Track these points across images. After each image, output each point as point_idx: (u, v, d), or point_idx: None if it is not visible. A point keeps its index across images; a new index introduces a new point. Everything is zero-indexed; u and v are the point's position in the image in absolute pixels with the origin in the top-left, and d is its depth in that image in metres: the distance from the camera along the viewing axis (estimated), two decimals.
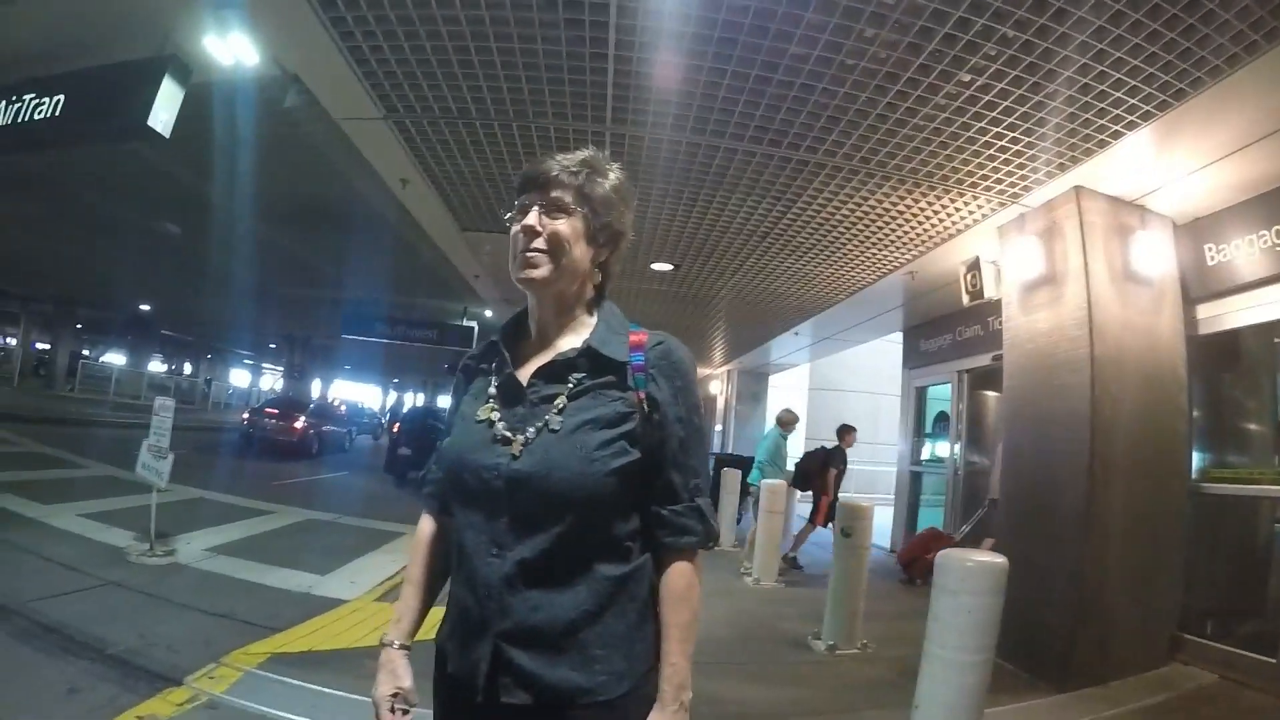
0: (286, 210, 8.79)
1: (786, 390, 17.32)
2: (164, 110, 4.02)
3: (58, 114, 4.34)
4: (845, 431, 8.35)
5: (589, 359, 1.25)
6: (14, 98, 4.50)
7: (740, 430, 16.17)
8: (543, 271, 1.24)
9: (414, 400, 43.78)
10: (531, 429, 1.20)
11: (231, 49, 3.88)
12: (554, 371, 1.25)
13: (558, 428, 1.19)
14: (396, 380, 48.03)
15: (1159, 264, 4.85)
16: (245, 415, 17.73)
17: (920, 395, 9.93)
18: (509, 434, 1.21)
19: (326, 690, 3.35)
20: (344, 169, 6.01)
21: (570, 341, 1.29)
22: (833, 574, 5.09)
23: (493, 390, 1.29)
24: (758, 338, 12.08)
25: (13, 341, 27.52)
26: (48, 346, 25.72)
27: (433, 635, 1.32)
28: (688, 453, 1.26)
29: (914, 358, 9.93)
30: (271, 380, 42.82)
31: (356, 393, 49.36)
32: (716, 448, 16.19)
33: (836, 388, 17.60)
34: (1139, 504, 4.49)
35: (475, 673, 1.16)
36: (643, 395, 1.23)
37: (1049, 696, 4.09)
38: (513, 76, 4.00)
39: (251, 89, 4.53)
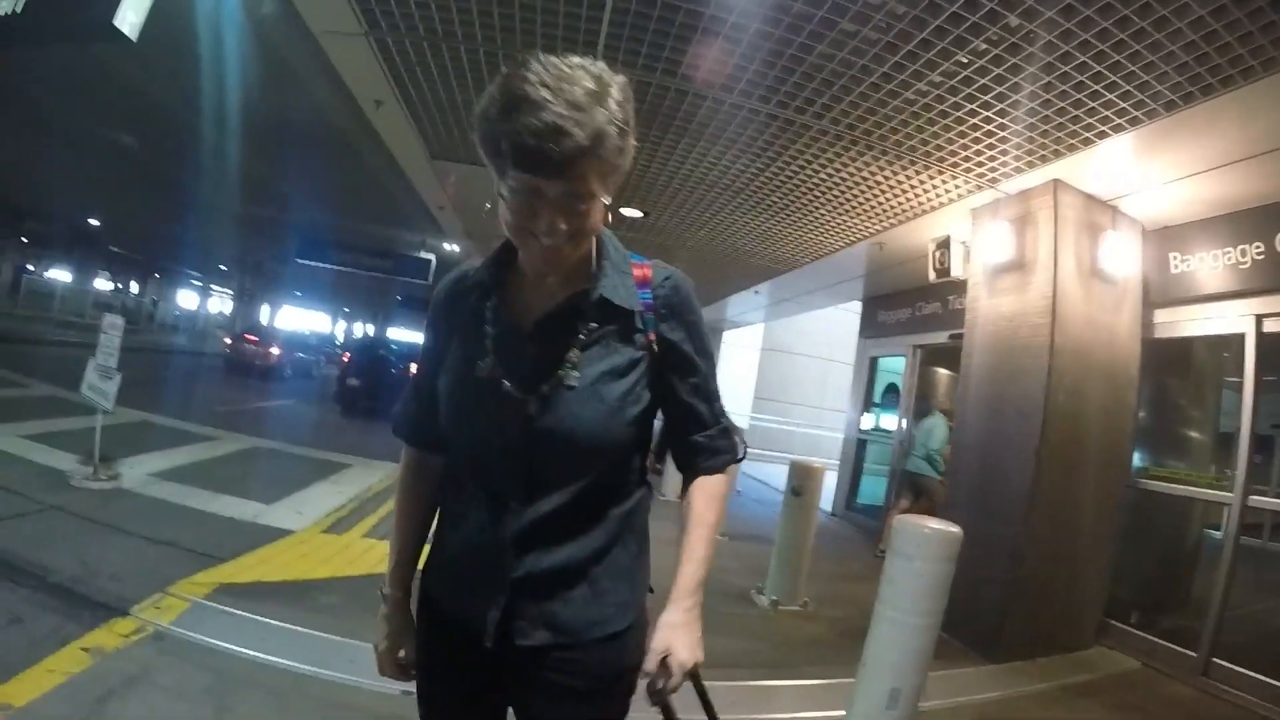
0: (251, 127, 8.36)
1: (740, 348, 17.53)
2: (132, 11, 3.70)
3: (18, 9, 3.97)
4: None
5: (598, 307, 1.16)
6: None
7: None
8: (565, 263, 1.10)
9: (363, 330, 43.05)
10: (545, 385, 1.11)
11: None
12: (563, 322, 1.15)
13: (574, 384, 1.11)
14: (347, 310, 46.72)
15: (1125, 265, 4.97)
16: (227, 340, 19.29)
17: (873, 365, 10.05)
18: (519, 391, 1.12)
19: (275, 623, 3.30)
20: (315, 87, 5.73)
21: (572, 283, 1.16)
22: (780, 531, 5.17)
23: (488, 342, 1.16)
24: (718, 293, 12.01)
25: None
26: None
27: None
28: (708, 382, 1.27)
29: (871, 328, 10.01)
30: (220, 303, 41.49)
31: (306, 320, 48.36)
32: None
33: (789, 350, 17.82)
34: (1079, 491, 4.67)
35: (483, 619, 1.14)
36: (653, 336, 1.18)
37: (981, 665, 4.28)
38: (506, 1, 3.84)
39: None
